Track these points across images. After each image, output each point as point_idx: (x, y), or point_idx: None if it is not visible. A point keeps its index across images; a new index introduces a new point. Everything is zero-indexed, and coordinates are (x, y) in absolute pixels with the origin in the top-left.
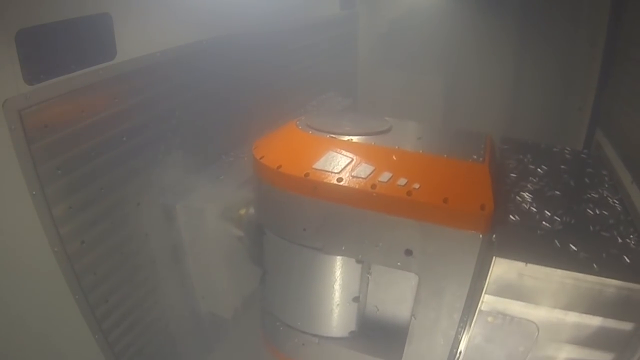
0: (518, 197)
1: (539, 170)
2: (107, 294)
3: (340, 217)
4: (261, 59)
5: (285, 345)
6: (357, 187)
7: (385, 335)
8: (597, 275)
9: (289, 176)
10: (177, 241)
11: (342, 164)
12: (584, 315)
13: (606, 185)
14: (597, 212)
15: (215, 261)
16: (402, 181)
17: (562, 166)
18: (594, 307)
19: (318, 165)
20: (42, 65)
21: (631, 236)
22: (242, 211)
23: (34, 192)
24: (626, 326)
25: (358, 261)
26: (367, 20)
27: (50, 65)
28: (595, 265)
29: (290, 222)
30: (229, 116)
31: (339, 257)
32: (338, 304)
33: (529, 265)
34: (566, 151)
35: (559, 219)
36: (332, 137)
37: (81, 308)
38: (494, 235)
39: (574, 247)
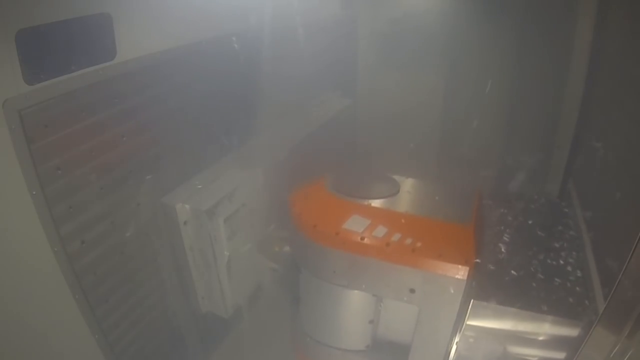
0: (495, 249)
1: (515, 222)
2: (107, 294)
3: (363, 265)
4: (261, 59)
5: (314, 356)
6: (375, 244)
7: (393, 349)
8: (546, 314)
9: (323, 233)
10: (177, 241)
11: (364, 225)
12: (536, 342)
13: (568, 236)
14: (555, 262)
15: (215, 261)
16: (408, 240)
17: (536, 218)
18: (543, 337)
19: (346, 225)
20: (42, 65)
21: (579, 281)
22: (277, 248)
23: (34, 192)
24: (561, 355)
25: (374, 295)
26: (367, 20)
27: (50, 65)
28: (545, 306)
29: (323, 266)
30: (228, 116)
31: (359, 292)
32: (358, 325)
33: (497, 305)
34: (542, 202)
35: (523, 268)
36: (355, 200)
37: (81, 308)
38: (473, 282)
39: (532, 290)
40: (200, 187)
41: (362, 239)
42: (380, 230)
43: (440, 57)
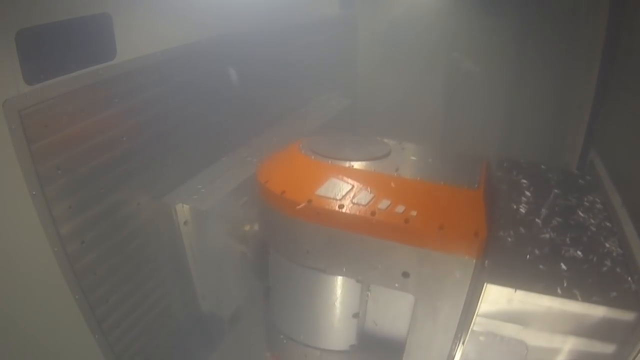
0: (510, 223)
1: (532, 194)
2: (107, 294)
3: (342, 241)
4: (261, 59)
5: (289, 357)
6: (357, 214)
7: (383, 349)
8: (582, 301)
9: (292, 202)
10: (177, 241)
11: (343, 191)
12: (570, 336)
13: (596, 209)
14: (585, 238)
15: (215, 261)
16: (400, 208)
17: (556, 190)
18: (578, 329)
19: (320, 191)
20: (42, 65)
21: (618, 260)
22: (247, 227)
23: (34, 192)
24: (609, 348)
25: (358, 281)
26: (366, 20)
27: (50, 65)
28: (578, 292)
29: (294, 245)
30: (228, 116)
31: (340, 277)
32: (339, 320)
33: (518, 291)
34: (560, 172)
35: (548, 245)
36: (333, 162)
37: (81, 308)
38: (486, 262)
39: (561, 273)
40: (200, 187)
41: (341, 207)
42: (365, 196)
43: (440, 56)
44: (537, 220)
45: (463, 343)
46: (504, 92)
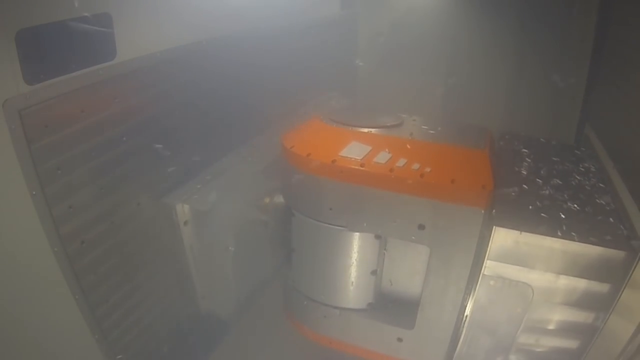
0: (514, 181)
1: (532, 160)
2: (107, 294)
3: (363, 197)
4: (261, 59)
5: (309, 318)
6: (377, 171)
7: (399, 306)
8: (579, 242)
9: (318, 162)
10: (177, 241)
11: (364, 152)
12: (570, 277)
13: (591, 173)
14: (581, 195)
15: (215, 261)
16: (415, 166)
17: (554, 158)
18: (577, 269)
19: (343, 153)
20: (42, 65)
21: (610, 213)
22: (267, 199)
23: (34, 192)
24: (603, 287)
25: (377, 237)
26: (367, 20)
27: (50, 65)
28: (576, 234)
29: (318, 203)
30: (229, 116)
31: (360, 234)
32: (358, 277)
33: (523, 233)
34: (558, 144)
35: (548, 199)
36: (353, 129)
37: (81, 308)
38: (493, 210)
39: (561, 220)
40: (200, 187)
41: (362, 165)
42: (383, 157)
43: (441, 56)
44: (537, 180)
45: (475, 290)
46: (504, 91)
